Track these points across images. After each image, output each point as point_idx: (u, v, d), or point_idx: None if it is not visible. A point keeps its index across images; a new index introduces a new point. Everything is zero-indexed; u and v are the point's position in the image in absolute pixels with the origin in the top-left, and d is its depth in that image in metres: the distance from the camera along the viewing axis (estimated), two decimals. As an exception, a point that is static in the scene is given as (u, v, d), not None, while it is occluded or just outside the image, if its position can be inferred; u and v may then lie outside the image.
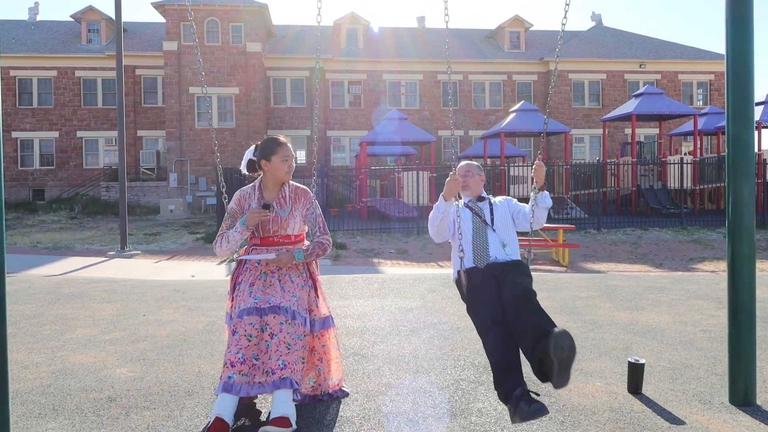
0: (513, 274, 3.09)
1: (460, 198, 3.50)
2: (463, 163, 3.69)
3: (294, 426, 2.76)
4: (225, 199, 3.38)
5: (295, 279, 3.08)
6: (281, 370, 2.80)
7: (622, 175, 19.43)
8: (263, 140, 3.22)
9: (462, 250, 3.34)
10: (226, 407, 2.74)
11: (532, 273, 3.31)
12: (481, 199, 3.59)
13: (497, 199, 3.60)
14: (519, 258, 3.38)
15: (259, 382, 2.79)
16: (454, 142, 29.41)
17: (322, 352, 3.15)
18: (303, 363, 2.91)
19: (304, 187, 3.28)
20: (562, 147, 28.03)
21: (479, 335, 2.94)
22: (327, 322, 3.19)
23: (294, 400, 2.87)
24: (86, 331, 4.81)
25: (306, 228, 3.25)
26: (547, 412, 2.51)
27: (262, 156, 3.15)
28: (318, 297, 3.19)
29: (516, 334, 2.81)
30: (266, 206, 3.07)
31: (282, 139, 3.18)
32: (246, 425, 2.91)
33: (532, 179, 3.49)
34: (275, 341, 2.85)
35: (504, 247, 3.36)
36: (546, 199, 3.42)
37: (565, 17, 3.40)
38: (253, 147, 3.26)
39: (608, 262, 11.06)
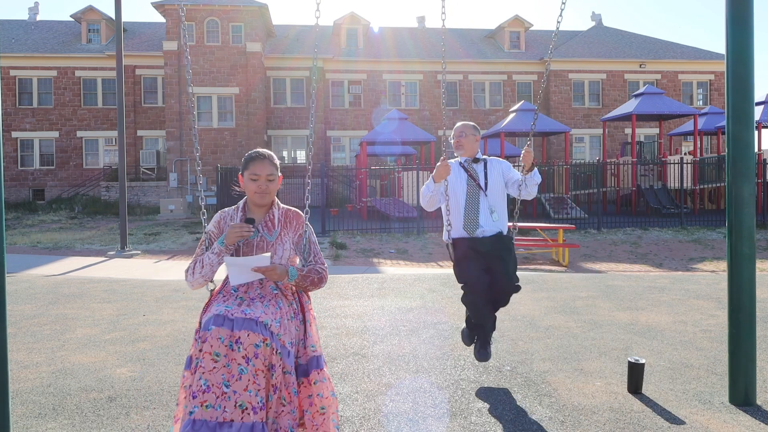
0: (504, 264, 3.56)
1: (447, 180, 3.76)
2: (459, 124, 3.92)
3: None
4: (203, 201, 2.87)
5: (284, 307, 2.50)
6: (261, 410, 2.21)
7: (622, 175, 19.43)
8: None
9: (450, 224, 3.75)
10: None
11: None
12: (476, 160, 3.84)
13: (493, 160, 3.86)
14: (505, 228, 3.74)
15: (231, 420, 2.17)
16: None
17: (305, 404, 2.47)
18: (283, 405, 2.31)
19: (297, 210, 2.77)
20: (562, 147, 28.04)
21: (462, 288, 3.62)
22: (310, 365, 2.50)
23: None
24: (86, 331, 4.81)
25: (297, 259, 2.70)
26: (489, 359, 3.53)
27: (241, 170, 2.66)
28: (305, 336, 2.55)
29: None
30: (249, 221, 2.59)
31: (262, 152, 2.64)
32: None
33: (520, 163, 3.77)
34: (251, 369, 2.23)
35: (492, 213, 3.72)
36: (535, 176, 3.71)
37: (560, 15, 3.59)
38: None
39: (608, 262, 11.05)
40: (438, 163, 3.61)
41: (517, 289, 3.55)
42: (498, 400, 3.16)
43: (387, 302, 5.96)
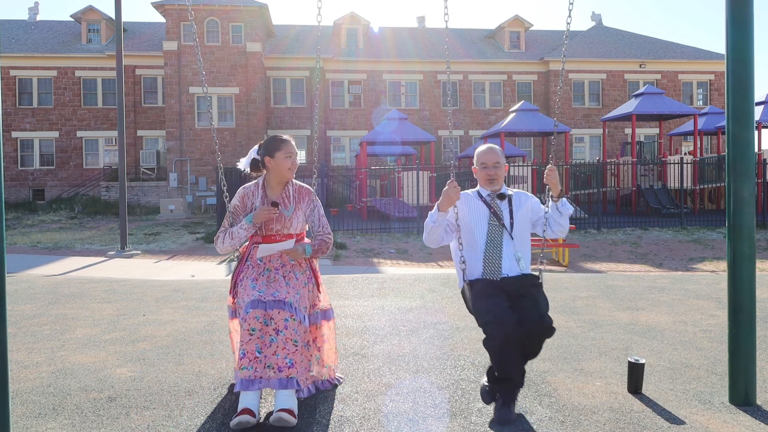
0: (533, 300, 2.92)
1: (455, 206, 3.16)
2: (485, 147, 3.22)
3: (296, 420, 2.80)
4: (226, 197, 3.35)
5: (300, 276, 3.12)
6: (288, 368, 2.81)
7: (622, 175, 19.43)
8: (267, 138, 3.24)
9: (464, 262, 3.13)
10: (248, 400, 2.80)
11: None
12: (502, 196, 3.19)
13: (520, 195, 3.24)
14: (529, 271, 3.15)
15: (261, 377, 2.79)
16: (454, 143, 29.41)
17: (321, 341, 3.25)
18: (309, 360, 3.02)
19: (307, 186, 3.31)
20: (562, 147, 28.02)
21: (484, 331, 2.85)
22: (328, 314, 3.32)
23: (299, 397, 2.97)
24: (86, 331, 4.81)
25: (307, 227, 3.30)
26: (513, 421, 2.85)
27: (266, 153, 3.16)
28: (320, 291, 3.28)
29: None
30: (275, 204, 3.08)
31: (286, 136, 3.22)
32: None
33: (545, 187, 3.18)
34: (281, 337, 2.85)
35: (518, 261, 3.10)
36: (566, 206, 3.17)
37: (569, 16, 3.34)
38: (256, 146, 3.29)
39: (608, 262, 11.06)
40: (445, 187, 2.99)
41: (551, 331, 2.86)
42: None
43: (387, 302, 5.96)
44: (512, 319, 2.78)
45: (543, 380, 3.48)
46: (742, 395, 3.09)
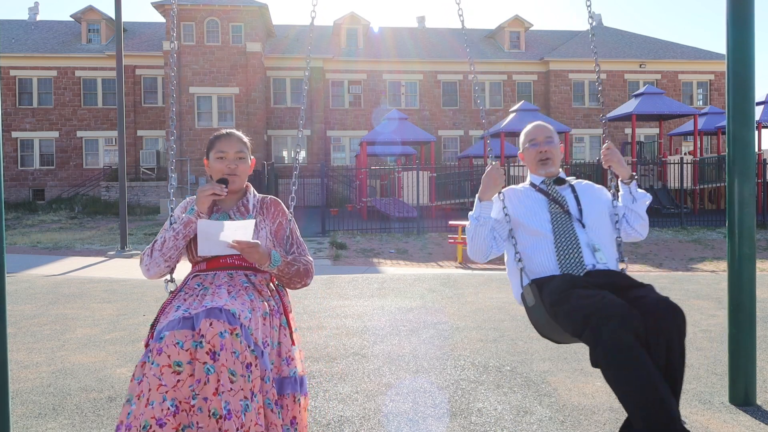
0: (645, 287, 2.19)
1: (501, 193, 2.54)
2: (535, 125, 2.65)
3: None
4: (171, 185, 2.43)
5: (255, 300, 2.06)
6: (226, 419, 1.76)
7: (622, 175, 19.44)
8: None
9: (521, 260, 2.41)
10: None
11: None
12: (560, 181, 2.57)
13: (583, 183, 2.63)
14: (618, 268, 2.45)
15: None
16: (455, 142, 29.43)
17: (287, 421, 2.05)
18: (258, 410, 1.82)
19: (275, 197, 2.40)
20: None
21: (598, 351, 1.96)
22: (301, 384, 2.13)
23: None
24: (86, 331, 4.81)
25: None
26: None
27: (205, 155, 2.37)
28: (294, 343, 2.16)
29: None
30: (222, 181, 2.22)
31: (226, 131, 2.37)
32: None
33: (608, 169, 2.54)
34: (218, 364, 1.79)
35: (595, 252, 2.36)
36: (643, 192, 2.54)
37: (590, 18, 3.17)
38: None
39: (608, 262, 11.04)
40: (487, 167, 2.48)
41: (683, 314, 2.03)
42: (498, 400, 3.16)
43: (387, 302, 5.96)
44: (633, 311, 1.95)
45: (543, 380, 3.48)
46: (742, 395, 3.09)
